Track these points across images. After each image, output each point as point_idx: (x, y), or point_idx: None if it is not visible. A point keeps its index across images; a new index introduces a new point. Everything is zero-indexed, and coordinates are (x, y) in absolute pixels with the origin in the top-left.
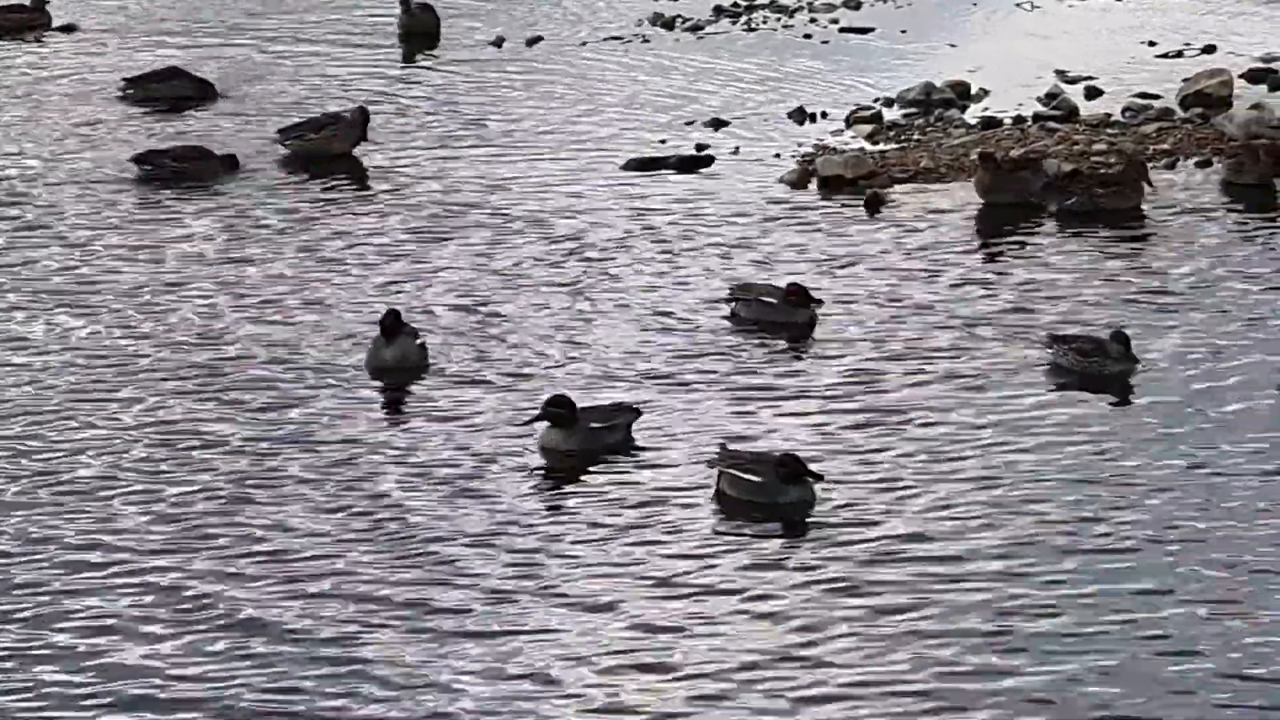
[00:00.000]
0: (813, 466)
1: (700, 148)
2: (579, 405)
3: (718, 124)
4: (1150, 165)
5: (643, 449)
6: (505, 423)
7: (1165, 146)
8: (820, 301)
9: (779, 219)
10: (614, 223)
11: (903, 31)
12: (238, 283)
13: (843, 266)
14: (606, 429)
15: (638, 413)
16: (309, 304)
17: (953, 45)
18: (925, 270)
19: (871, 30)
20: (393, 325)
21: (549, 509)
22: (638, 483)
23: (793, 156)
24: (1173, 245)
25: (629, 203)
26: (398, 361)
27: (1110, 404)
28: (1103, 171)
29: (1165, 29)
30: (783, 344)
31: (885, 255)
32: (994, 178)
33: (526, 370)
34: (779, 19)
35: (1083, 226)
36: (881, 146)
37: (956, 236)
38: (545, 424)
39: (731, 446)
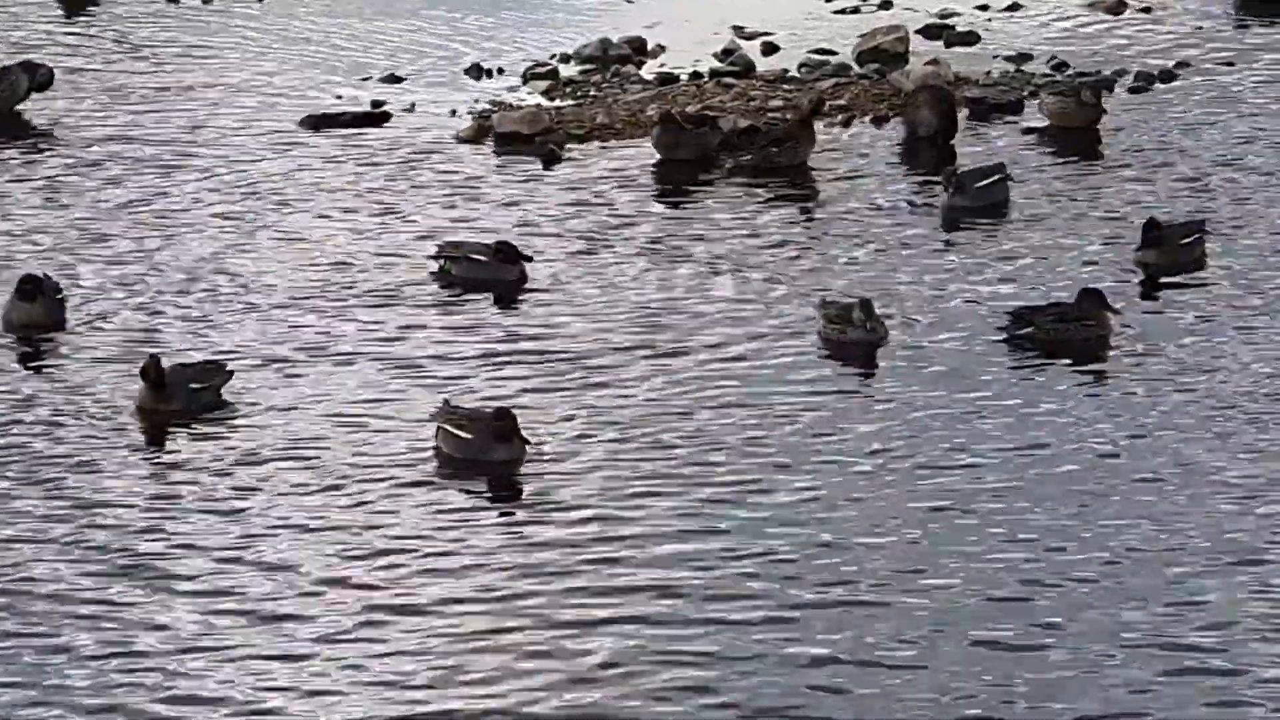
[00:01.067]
0: (524, 423)
1: (376, 104)
2: (172, 364)
3: (393, 79)
4: (826, 120)
5: (345, 408)
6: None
7: (842, 102)
8: (529, 258)
9: (455, 175)
10: (291, 180)
11: None
12: None
13: (525, 224)
14: (204, 389)
15: (230, 374)
16: None
17: (629, 1)
18: (614, 226)
19: None
20: (29, 291)
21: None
22: (338, 443)
23: (469, 113)
24: (852, 199)
25: (306, 160)
26: (23, 322)
27: (817, 367)
28: (779, 126)
29: None
30: (494, 301)
31: (568, 211)
32: (674, 136)
33: (186, 327)
34: None
35: (758, 182)
36: (558, 103)
37: (637, 193)
38: (140, 384)
39: (454, 403)
